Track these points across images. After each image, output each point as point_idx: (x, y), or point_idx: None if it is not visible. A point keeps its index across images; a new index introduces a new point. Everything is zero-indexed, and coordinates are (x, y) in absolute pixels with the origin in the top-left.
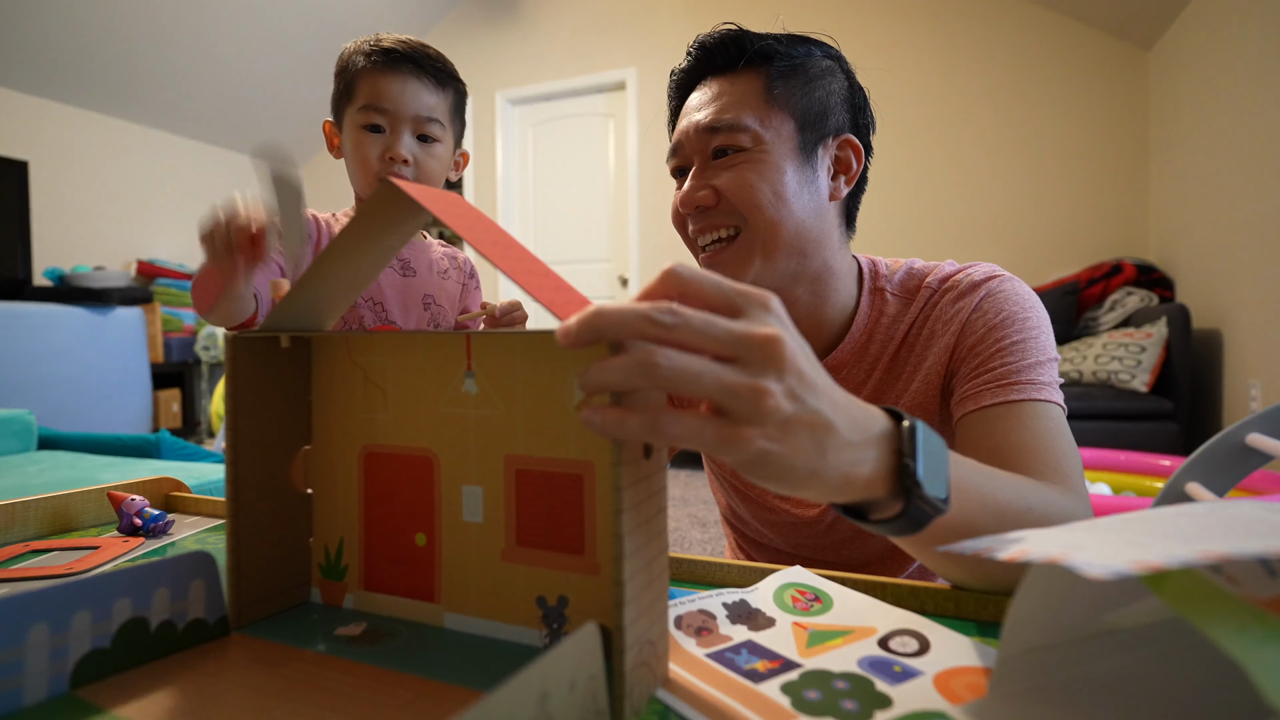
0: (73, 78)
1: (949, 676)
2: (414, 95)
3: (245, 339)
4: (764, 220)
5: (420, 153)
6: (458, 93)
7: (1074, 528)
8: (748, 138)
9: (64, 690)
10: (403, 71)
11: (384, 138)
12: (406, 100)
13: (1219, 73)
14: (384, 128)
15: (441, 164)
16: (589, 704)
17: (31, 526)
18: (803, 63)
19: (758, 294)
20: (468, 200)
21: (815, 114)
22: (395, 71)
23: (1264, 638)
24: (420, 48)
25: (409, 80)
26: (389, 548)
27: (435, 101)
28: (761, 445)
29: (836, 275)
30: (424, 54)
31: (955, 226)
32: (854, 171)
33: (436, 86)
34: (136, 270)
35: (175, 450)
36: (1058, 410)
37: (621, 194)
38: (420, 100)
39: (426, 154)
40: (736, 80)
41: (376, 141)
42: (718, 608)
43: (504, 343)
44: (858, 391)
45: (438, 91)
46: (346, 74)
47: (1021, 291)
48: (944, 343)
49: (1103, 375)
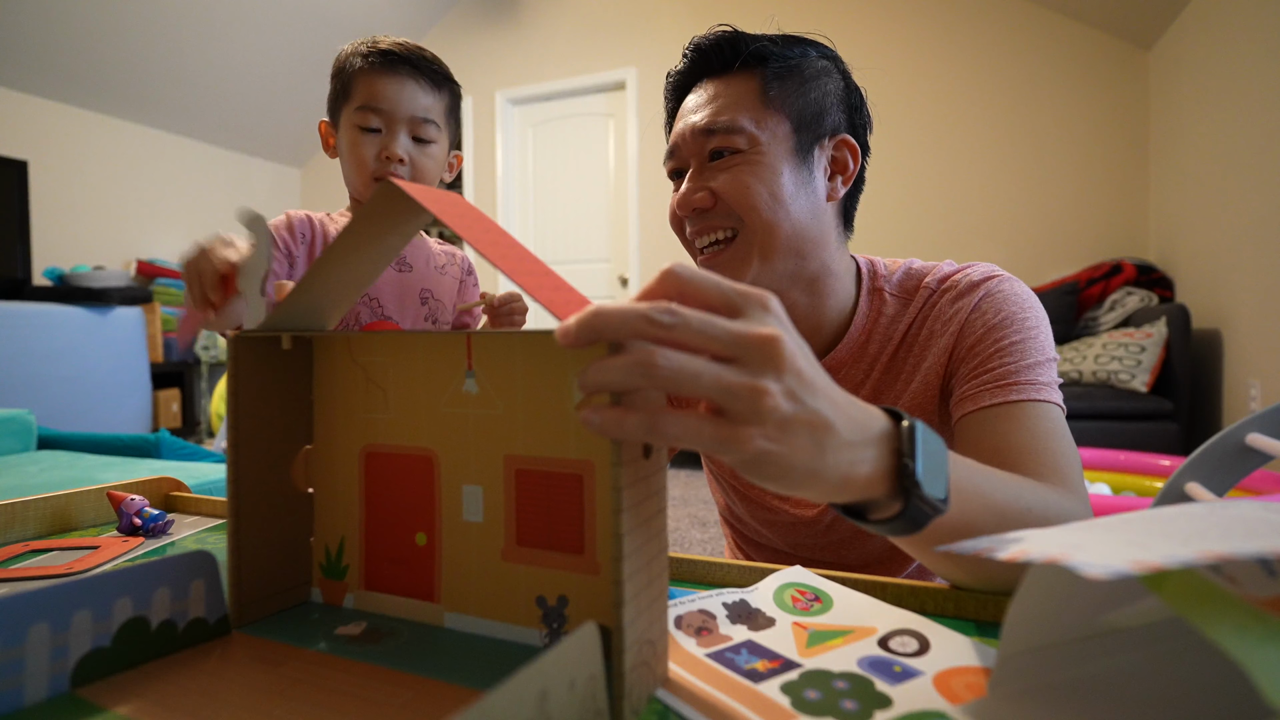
0: (73, 78)
1: (949, 676)
2: (410, 96)
3: (246, 339)
4: (761, 222)
5: (416, 153)
6: (453, 95)
7: (1073, 528)
8: (744, 139)
9: (64, 689)
10: (400, 73)
11: (380, 138)
12: (403, 101)
13: (1219, 73)
14: (380, 128)
15: (437, 164)
16: (588, 703)
17: (31, 526)
18: (798, 64)
19: (757, 294)
20: (468, 200)
21: (811, 114)
22: (392, 73)
23: (1263, 638)
24: (417, 50)
25: (406, 81)
26: (389, 547)
27: (431, 103)
28: (760, 445)
29: (835, 276)
30: (421, 56)
31: (954, 226)
32: (851, 171)
33: (433, 88)
34: (136, 270)
35: (175, 450)
36: (1057, 410)
37: (621, 194)
38: (416, 101)
39: (422, 154)
40: (732, 82)
41: (372, 141)
42: (718, 607)
43: (504, 342)
44: (856, 391)
45: (434, 93)
46: (343, 75)
47: (1020, 291)
48: (943, 343)
49: (1102, 375)
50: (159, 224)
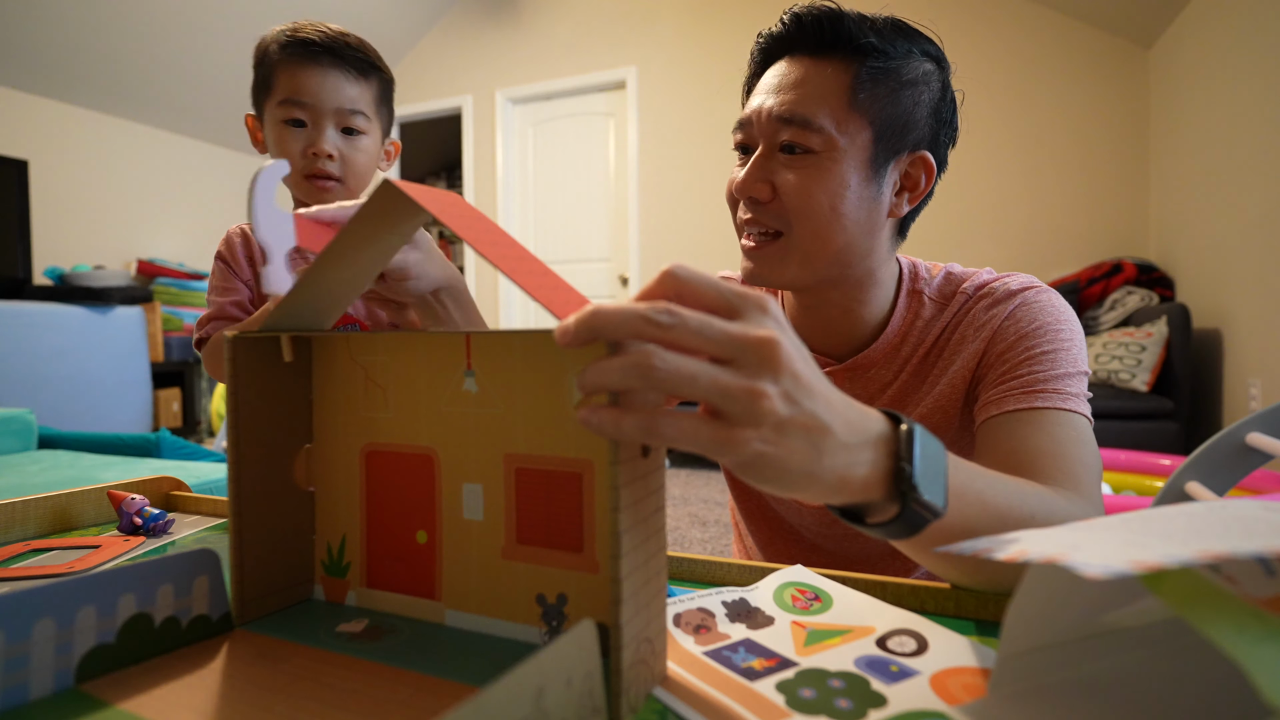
0: (73, 77)
1: (946, 677)
2: (334, 88)
3: (246, 339)
4: (811, 231)
5: (345, 147)
6: (382, 82)
7: (1073, 527)
8: (819, 140)
9: (69, 685)
10: (321, 63)
11: (306, 132)
12: (326, 93)
13: (1219, 72)
14: (305, 122)
15: (368, 157)
16: (585, 701)
17: (32, 526)
18: (898, 66)
19: (755, 296)
20: (467, 200)
21: (897, 126)
22: (314, 63)
23: (1262, 637)
24: (339, 37)
25: (329, 72)
26: (390, 545)
27: (358, 93)
28: (757, 448)
29: (878, 283)
30: (343, 43)
31: (955, 226)
32: (920, 190)
33: (359, 77)
34: (136, 269)
35: (175, 449)
36: (1083, 421)
37: (621, 193)
38: (341, 92)
39: (351, 148)
40: (823, 68)
41: (298, 136)
42: (717, 606)
43: (504, 342)
44: (882, 391)
45: (360, 82)
46: (264, 66)
47: (1056, 304)
48: (973, 348)
49: (1103, 374)
50: (159, 224)
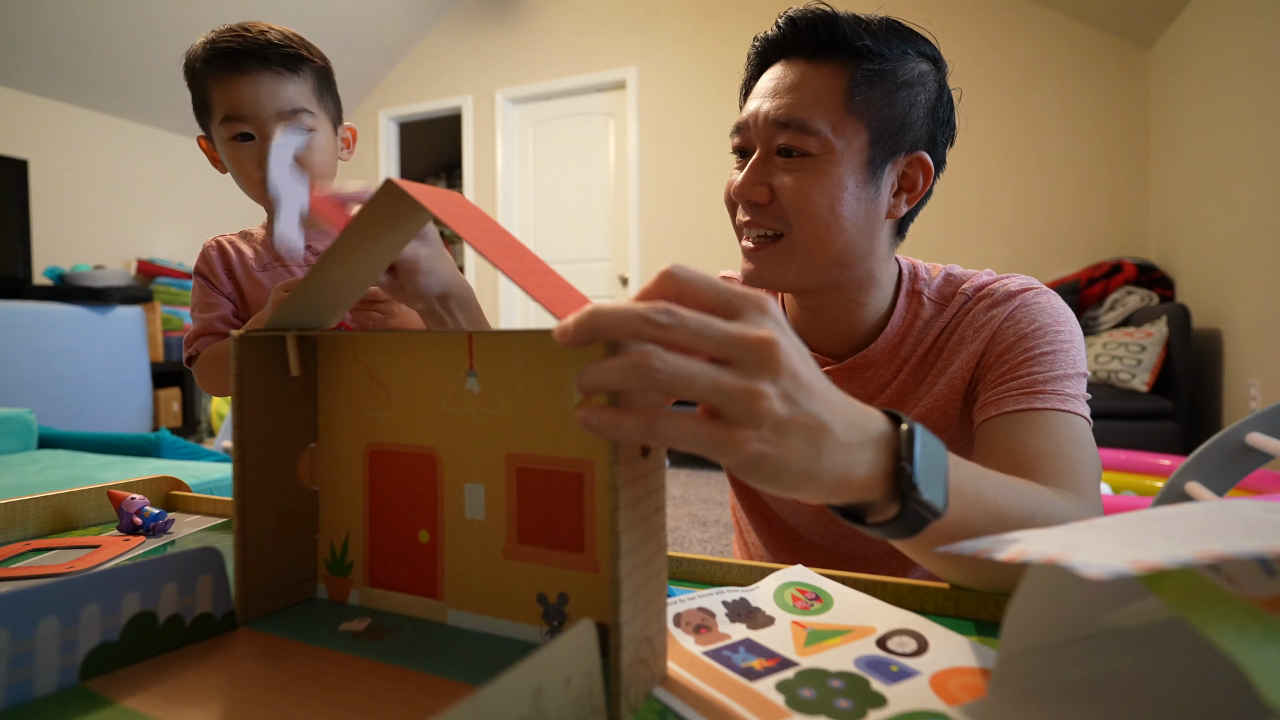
0: (73, 77)
1: (946, 677)
2: (269, 93)
3: (251, 339)
4: (811, 233)
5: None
6: (316, 71)
7: (1073, 528)
8: (816, 143)
9: (73, 682)
10: (249, 70)
11: (256, 145)
12: (263, 100)
13: (1219, 72)
14: (253, 134)
15: (324, 152)
16: (584, 700)
17: (32, 525)
18: (894, 68)
19: (754, 296)
20: (468, 199)
21: (894, 127)
22: (241, 72)
23: (1262, 637)
24: (259, 37)
25: (259, 77)
26: (393, 544)
27: (294, 90)
28: (756, 448)
29: (877, 284)
30: (265, 43)
31: (955, 226)
32: (918, 191)
33: (291, 74)
34: (136, 269)
35: (175, 449)
36: (1081, 422)
37: (621, 193)
38: (278, 95)
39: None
40: (819, 71)
41: (249, 150)
42: (717, 606)
43: (505, 342)
44: (881, 391)
45: (293, 79)
46: (195, 84)
47: (1056, 305)
48: (972, 349)
49: (1103, 375)
50: (159, 224)
